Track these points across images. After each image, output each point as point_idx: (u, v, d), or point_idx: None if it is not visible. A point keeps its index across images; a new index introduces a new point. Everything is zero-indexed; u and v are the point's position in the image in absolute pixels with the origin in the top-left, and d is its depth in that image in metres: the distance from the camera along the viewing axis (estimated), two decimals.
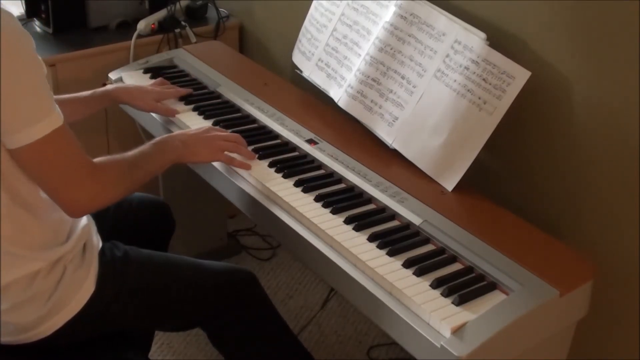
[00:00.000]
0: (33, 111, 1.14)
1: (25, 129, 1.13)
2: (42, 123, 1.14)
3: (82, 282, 1.31)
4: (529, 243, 1.35)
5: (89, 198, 1.24)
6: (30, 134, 1.14)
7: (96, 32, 2.22)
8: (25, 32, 1.14)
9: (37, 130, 1.14)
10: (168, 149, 1.42)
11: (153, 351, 2.00)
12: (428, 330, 1.15)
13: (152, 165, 1.38)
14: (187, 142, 1.46)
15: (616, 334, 1.49)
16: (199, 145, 1.48)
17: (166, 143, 1.43)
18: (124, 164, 1.32)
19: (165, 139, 1.45)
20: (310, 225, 1.37)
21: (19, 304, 1.26)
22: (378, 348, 2.12)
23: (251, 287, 1.53)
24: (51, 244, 1.28)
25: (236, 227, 2.56)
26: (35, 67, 1.15)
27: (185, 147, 1.45)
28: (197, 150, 1.48)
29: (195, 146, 1.47)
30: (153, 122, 1.80)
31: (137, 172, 1.34)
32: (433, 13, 1.55)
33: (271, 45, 2.29)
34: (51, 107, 1.16)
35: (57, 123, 1.16)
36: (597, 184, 1.43)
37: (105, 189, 1.26)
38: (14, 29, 1.11)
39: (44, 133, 1.15)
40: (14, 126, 1.13)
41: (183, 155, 1.45)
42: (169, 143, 1.44)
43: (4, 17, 1.10)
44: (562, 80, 1.44)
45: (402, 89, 1.58)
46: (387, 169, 1.53)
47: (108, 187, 1.27)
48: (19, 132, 1.13)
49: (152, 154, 1.39)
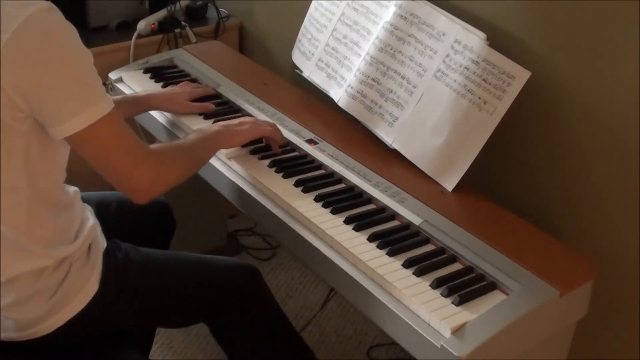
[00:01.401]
0: (80, 99, 1.16)
1: (74, 118, 1.15)
2: (89, 110, 1.16)
3: (85, 282, 1.31)
4: (529, 243, 1.35)
5: (150, 181, 1.26)
6: (79, 122, 1.16)
7: (96, 32, 2.22)
8: (70, 25, 1.16)
9: (85, 117, 1.16)
10: (213, 134, 1.47)
11: (153, 351, 2.00)
12: (428, 330, 1.15)
13: (204, 149, 1.44)
14: (227, 125, 1.52)
15: (616, 334, 1.49)
16: (238, 126, 1.53)
17: (210, 129, 1.48)
18: (177, 148, 1.37)
19: (206, 127, 1.49)
20: (310, 225, 1.37)
21: (22, 299, 1.27)
22: (378, 348, 2.12)
23: (254, 282, 1.53)
24: (61, 242, 1.29)
25: (236, 227, 2.56)
26: (80, 57, 1.17)
27: (228, 130, 1.50)
28: (238, 130, 1.52)
29: (235, 127, 1.52)
30: (154, 123, 1.80)
31: (192, 155, 1.39)
32: (433, 13, 1.55)
33: (271, 45, 2.29)
34: (98, 94, 1.18)
35: (106, 110, 1.18)
36: (597, 183, 1.43)
37: (164, 171, 1.29)
38: (61, 23, 1.14)
39: (93, 120, 1.16)
40: (62, 116, 1.15)
41: (227, 137, 1.50)
42: (213, 128, 1.49)
43: (53, 12, 1.13)
44: (562, 80, 1.44)
45: (402, 89, 1.58)
46: (387, 169, 1.53)
47: (166, 169, 1.29)
48: (68, 121, 1.15)
49: (202, 139, 1.43)
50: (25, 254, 1.25)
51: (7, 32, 1.09)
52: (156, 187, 1.28)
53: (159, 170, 1.27)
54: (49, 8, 1.13)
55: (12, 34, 1.09)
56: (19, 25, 1.09)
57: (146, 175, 1.25)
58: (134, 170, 1.24)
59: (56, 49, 1.13)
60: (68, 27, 1.15)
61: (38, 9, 1.11)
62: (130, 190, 1.26)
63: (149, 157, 1.26)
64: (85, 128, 1.16)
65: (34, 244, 1.25)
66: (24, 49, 1.10)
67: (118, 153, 1.22)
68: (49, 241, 1.27)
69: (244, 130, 1.53)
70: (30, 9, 1.10)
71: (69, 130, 1.16)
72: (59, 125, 1.16)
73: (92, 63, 1.19)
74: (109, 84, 1.96)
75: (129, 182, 1.25)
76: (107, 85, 1.97)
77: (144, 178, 1.25)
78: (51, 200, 1.27)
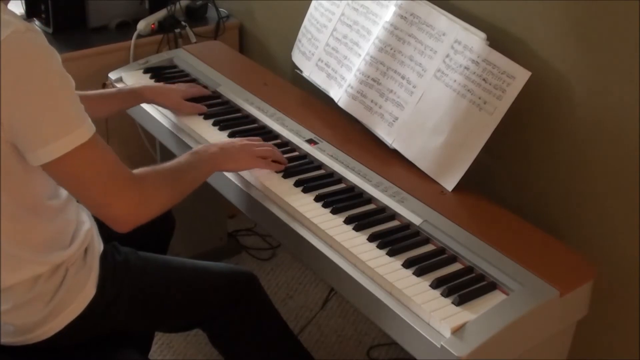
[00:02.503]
0: (55, 127, 1.11)
1: (50, 144, 1.11)
2: (65, 138, 1.11)
3: (82, 286, 1.31)
4: (529, 243, 1.35)
5: (131, 210, 1.21)
6: (54, 150, 1.11)
7: (96, 32, 2.22)
8: (50, 50, 1.12)
9: (60, 145, 1.12)
10: (207, 157, 1.40)
11: (153, 351, 2.00)
12: (428, 330, 1.15)
13: (193, 174, 1.36)
14: (224, 148, 1.44)
15: (616, 334, 1.49)
16: (238, 152, 1.46)
17: (205, 151, 1.41)
18: (163, 173, 1.30)
19: (202, 147, 1.43)
20: (310, 225, 1.37)
21: (20, 305, 1.26)
22: (378, 348, 2.12)
23: (252, 289, 1.53)
24: (55, 248, 1.28)
25: (236, 227, 2.56)
26: (57, 82, 1.12)
27: (225, 155, 1.43)
28: (236, 156, 1.45)
29: (233, 153, 1.45)
30: (156, 124, 1.79)
31: (179, 181, 1.32)
32: (433, 13, 1.55)
33: (271, 45, 2.29)
34: (78, 121, 1.14)
35: (84, 138, 1.13)
36: (597, 184, 1.43)
37: (146, 200, 1.23)
38: (38, 47, 1.10)
39: (69, 148, 1.12)
40: (35, 143, 1.11)
41: (223, 162, 1.44)
42: (208, 151, 1.42)
43: (30, 36, 1.09)
44: (562, 80, 1.44)
45: (402, 89, 1.58)
46: (387, 169, 1.53)
47: (149, 198, 1.24)
48: (44, 147, 1.11)
49: (192, 163, 1.37)
50: (19, 263, 1.24)
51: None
52: (137, 217, 1.23)
53: (140, 198, 1.22)
54: (26, 30, 1.08)
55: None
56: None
57: (127, 204, 1.20)
58: (113, 198, 1.19)
59: (30, 73, 1.08)
60: (46, 51, 1.11)
61: (13, 32, 1.07)
62: (110, 219, 1.21)
63: (130, 185, 1.21)
64: (61, 156, 1.12)
65: (28, 252, 1.24)
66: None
67: (97, 181, 1.17)
68: (43, 247, 1.26)
69: (241, 159, 1.46)
70: (7, 30, 1.07)
71: (42, 158, 1.12)
72: (32, 152, 1.12)
73: (73, 88, 1.15)
74: (109, 84, 1.96)
75: (108, 211, 1.20)
76: (107, 86, 1.97)
77: (124, 207, 1.20)
78: (39, 208, 1.24)
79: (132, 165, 1.26)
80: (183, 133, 1.70)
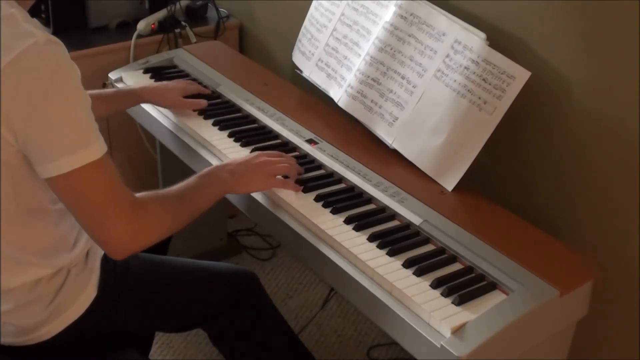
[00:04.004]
0: (69, 142, 1.10)
1: (60, 159, 1.09)
2: (76, 154, 1.10)
3: (83, 287, 1.31)
4: (529, 243, 1.35)
5: (129, 238, 1.17)
6: (64, 165, 1.10)
7: (96, 32, 2.22)
8: (70, 64, 1.11)
9: (70, 160, 1.10)
10: (216, 181, 1.34)
11: (153, 351, 2.00)
12: (428, 330, 1.15)
13: (199, 201, 1.30)
14: (235, 171, 1.37)
15: (616, 334, 1.49)
16: (250, 174, 1.39)
17: (214, 175, 1.35)
18: (168, 200, 1.26)
19: (212, 170, 1.37)
20: (310, 225, 1.37)
21: (21, 306, 1.26)
22: (378, 348, 2.12)
23: (252, 288, 1.53)
24: (60, 251, 1.27)
25: (236, 227, 2.56)
26: (73, 98, 1.11)
27: (235, 178, 1.36)
28: (247, 179, 1.39)
29: (245, 176, 1.38)
30: (156, 124, 1.79)
31: (183, 208, 1.27)
32: (433, 13, 1.55)
33: (271, 45, 2.29)
34: (90, 139, 1.12)
35: (95, 156, 1.12)
36: (597, 183, 1.43)
37: (146, 228, 1.19)
38: (58, 60, 1.09)
39: (78, 165, 1.10)
40: (48, 155, 1.10)
41: (233, 186, 1.37)
42: (217, 175, 1.35)
43: (50, 48, 1.08)
44: (562, 80, 1.44)
45: (402, 89, 1.58)
46: (387, 169, 1.53)
47: (149, 226, 1.20)
48: (54, 161, 1.10)
49: (199, 188, 1.31)
50: (22, 266, 1.23)
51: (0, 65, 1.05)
52: (134, 245, 1.19)
53: (138, 228, 1.18)
54: (47, 42, 1.07)
55: (5, 67, 1.04)
56: (12, 59, 1.05)
57: (123, 231, 1.16)
58: (111, 223, 1.15)
59: (48, 87, 1.07)
60: (65, 64, 1.10)
61: (34, 43, 1.06)
62: (104, 243, 1.18)
63: (131, 213, 1.17)
64: (69, 172, 1.10)
65: (30, 255, 1.24)
66: (14, 83, 1.05)
67: (98, 202, 1.14)
68: (48, 251, 1.26)
69: (254, 182, 1.40)
70: (26, 42, 1.06)
71: (51, 171, 1.11)
72: (42, 165, 1.11)
73: (89, 106, 1.13)
74: (109, 84, 1.96)
75: (103, 235, 1.17)
76: (107, 86, 1.97)
77: (120, 234, 1.16)
78: (45, 213, 1.23)
79: (133, 164, 1.26)
80: (183, 133, 1.70)
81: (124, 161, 2.26)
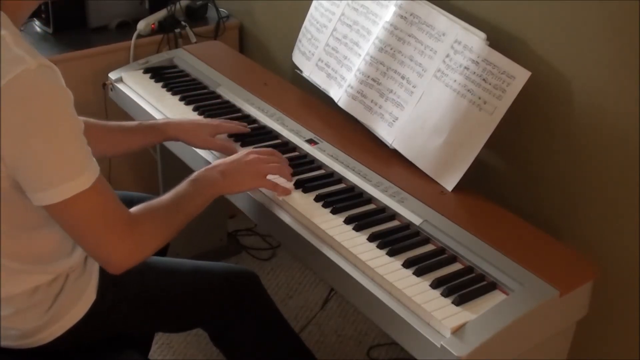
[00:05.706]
0: (58, 175, 1.08)
1: (49, 190, 1.08)
2: (66, 185, 1.09)
3: (83, 291, 1.31)
4: (529, 243, 1.35)
5: (127, 255, 1.19)
6: (53, 195, 1.09)
7: (96, 32, 2.22)
8: (60, 90, 1.08)
9: (61, 191, 1.09)
10: (207, 184, 1.34)
11: (153, 351, 2.00)
12: (428, 330, 1.15)
13: (191, 207, 1.30)
14: (226, 172, 1.36)
15: (616, 334, 1.49)
16: (240, 174, 1.38)
17: (204, 178, 1.34)
18: (161, 211, 1.26)
19: (203, 173, 1.35)
20: (310, 224, 1.37)
21: (21, 310, 1.26)
22: (378, 348, 2.12)
23: (253, 288, 1.53)
24: (57, 257, 1.27)
25: (236, 227, 2.56)
26: (65, 125, 1.08)
27: (226, 178, 1.36)
28: (238, 179, 1.38)
29: (235, 175, 1.37)
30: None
31: (176, 217, 1.27)
32: (433, 13, 1.55)
33: (271, 45, 2.29)
34: (81, 168, 1.10)
35: (86, 185, 1.10)
36: (597, 183, 1.43)
37: (142, 243, 1.21)
38: (48, 86, 1.06)
39: (69, 195, 1.09)
40: (37, 185, 1.09)
41: (224, 187, 1.36)
42: (207, 177, 1.34)
43: (41, 73, 1.05)
44: (562, 80, 1.44)
45: (402, 89, 1.58)
46: (387, 169, 1.53)
47: (146, 240, 1.21)
48: (44, 191, 1.09)
49: (191, 194, 1.30)
50: (20, 275, 1.23)
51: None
52: (132, 260, 1.20)
53: (136, 242, 1.19)
54: (37, 67, 1.04)
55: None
56: (3, 85, 1.02)
57: (121, 250, 1.18)
58: (108, 245, 1.16)
59: (38, 114, 1.04)
60: (55, 91, 1.07)
61: (25, 70, 1.03)
62: (104, 263, 1.20)
63: (126, 232, 1.17)
64: (61, 201, 1.09)
65: (29, 265, 1.23)
66: (4, 110, 1.03)
67: (93, 227, 1.14)
68: (44, 259, 1.25)
69: (245, 181, 1.39)
70: (18, 68, 1.03)
71: (42, 201, 1.10)
72: (33, 193, 1.10)
73: (81, 131, 1.11)
74: (109, 84, 1.96)
75: (103, 255, 1.18)
76: (107, 86, 1.97)
77: (122, 251, 1.18)
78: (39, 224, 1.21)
79: (133, 164, 1.25)
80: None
81: (124, 161, 2.26)
